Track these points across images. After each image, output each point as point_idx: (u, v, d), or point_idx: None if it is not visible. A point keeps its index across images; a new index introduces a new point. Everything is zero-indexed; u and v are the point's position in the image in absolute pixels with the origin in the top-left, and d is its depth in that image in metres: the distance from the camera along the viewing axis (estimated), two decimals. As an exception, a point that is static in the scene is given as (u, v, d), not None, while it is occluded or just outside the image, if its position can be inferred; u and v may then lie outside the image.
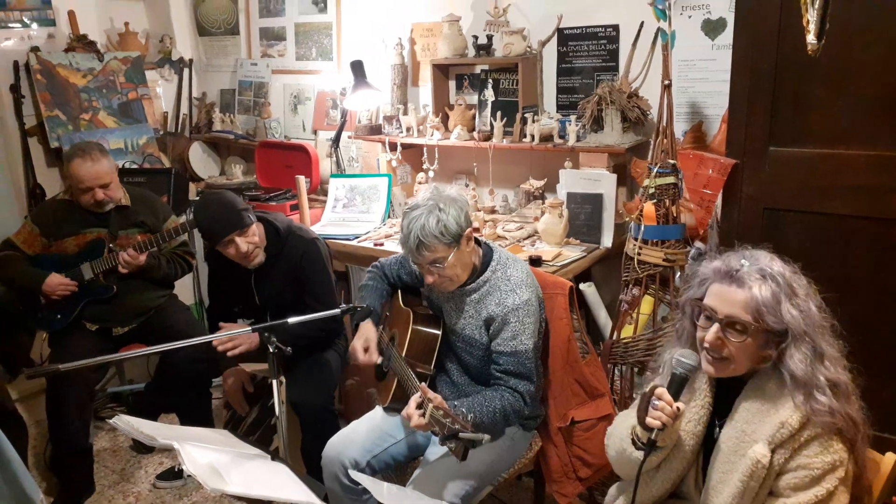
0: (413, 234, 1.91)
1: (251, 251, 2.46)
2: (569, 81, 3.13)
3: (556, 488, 2.18)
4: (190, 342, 1.92)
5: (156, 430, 1.70)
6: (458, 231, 1.93)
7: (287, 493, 1.57)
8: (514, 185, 3.27)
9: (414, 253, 1.94)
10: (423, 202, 1.95)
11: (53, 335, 2.97)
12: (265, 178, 3.95)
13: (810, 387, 1.39)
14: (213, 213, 2.44)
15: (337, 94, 3.81)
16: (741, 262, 1.46)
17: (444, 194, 1.98)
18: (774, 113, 2.30)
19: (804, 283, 1.46)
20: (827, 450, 1.38)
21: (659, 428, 1.46)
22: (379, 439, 2.12)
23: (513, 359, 1.96)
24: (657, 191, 2.37)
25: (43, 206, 3.11)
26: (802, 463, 1.39)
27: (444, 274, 1.97)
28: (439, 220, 1.90)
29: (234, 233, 2.41)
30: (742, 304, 1.42)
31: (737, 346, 1.43)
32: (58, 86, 3.73)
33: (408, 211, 1.97)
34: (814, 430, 1.39)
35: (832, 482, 1.38)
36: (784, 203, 2.34)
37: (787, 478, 1.41)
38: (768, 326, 1.41)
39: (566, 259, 2.69)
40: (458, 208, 1.94)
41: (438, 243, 1.91)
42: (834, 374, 1.41)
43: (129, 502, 2.88)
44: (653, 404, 1.48)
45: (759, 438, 1.42)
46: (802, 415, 1.39)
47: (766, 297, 1.40)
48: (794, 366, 1.40)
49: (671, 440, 1.53)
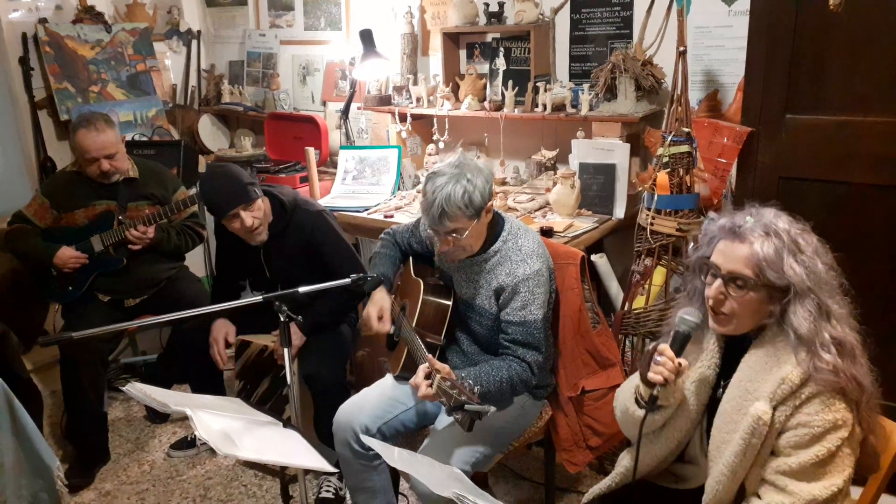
0: (437, 203, 1.86)
1: (256, 226, 2.45)
2: (582, 49, 3.08)
3: (566, 457, 2.19)
4: (201, 311, 1.92)
5: (168, 397, 1.71)
6: (482, 203, 1.89)
7: (299, 458, 1.59)
8: (526, 156, 3.24)
9: (435, 220, 1.90)
10: (449, 168, 1.90)
11: (66, 307, 3.00)
12: (274, 151, 3.94)
13: (814, 344, 1.37)
14: (219, 185, 2.43)
15: (346, 65, 3.77)
16: (746, 219, 1.45)
17: (472, 163, 1.92)
18: (792, 79, 2.26)
19: (813, 240, 1.44)
20: (829, 408, 1.36)
21: (661, 383, 1.47)
22: (389, 406, 2.13)
23: (521, 328, 1.95)
24: (671, 160, 2.34)
25: (53, 179, 3.12)
26: (803, 420, 1.38)
27: (460, 244, 1.95)
28: (465, 191, 1.85)
29: (239, 206, 2.40)
30: (744, 259, 1.42)
31: (738, 301, 1.43)
32: (66, 58, 3.71)
33: (433, 175, 1.91)
34: (815, 387, 1.37)
35: (834, 441, 1.36)
36: (800, 172, 2.31)
37: (787, 436, 1.40)
38: (769, 282, 1.40)
39: (578, 230, 2.66)
40: (484, 179, 1.90)
41: (462, 214, 1.87)
42: (840, 333, 1.39)
43: (144, 470, 2.92)
44: (655, 360, 1.48)
45: (761, 396, 1.41)
46: (804, 371, 1.37)
47: (768, 252, 1.39)
48: (797, 322, 1.39)
49: (674, 399, 1.53)
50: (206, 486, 2.80)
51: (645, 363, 1.51)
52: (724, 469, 1.46)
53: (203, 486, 2.80)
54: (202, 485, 2.80)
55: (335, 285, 1.96)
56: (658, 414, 1.54)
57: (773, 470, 1.42)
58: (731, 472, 1.45)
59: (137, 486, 2.81)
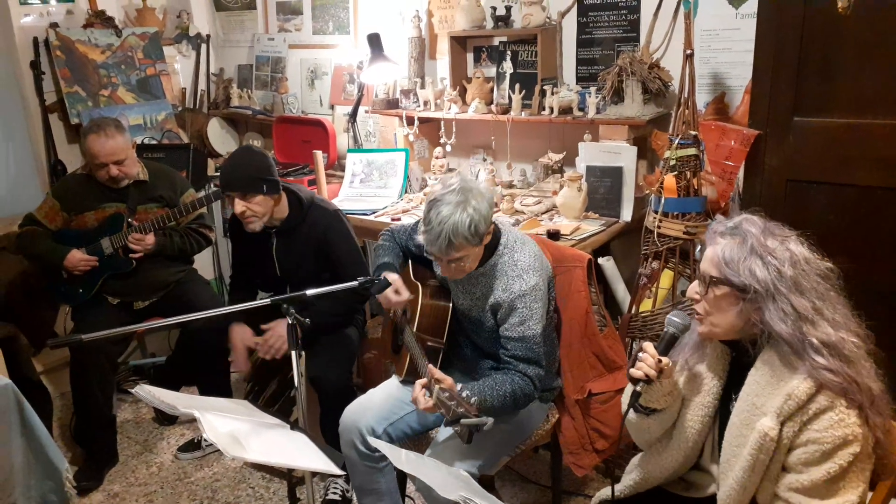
0: (444, 234, 1.81)
1: (248, 216, 2.47)
2: (589, 52, 3.08)
3: (572, 460, 2.19)
4: (209, 314, 1.93)
5: (177, 399, 1.72)
6: (486, 229, 1.88)
7: (305, 460, 1.59)
8: (533, 159, 3.24)
9: (442, 250, 1.86)
10: (451, 193, 1.85)
11: (76, 309, 3.02)
12: (283, 154, 3.95)
13: (803, 347, 1.37)
14: (231, 165, 2.48)
15: (354, 69, 3.79)
16: (726, 225, 1.49)
17: (474, 187, 1.87)
18: (799, 82, 2.25)
19: (796, 248, 1.43)
20: (838, 424, 1.35)
21: (642, 379, 1.51)
22: (395, 407, 2.13)
23: (521, 344, 1.94)
24: (678, 163, 2.34)
25: (63, 181, 3.15)
26: (812, 437, 1.37)
27: (461, 268, 1.93)
28: (472, 221, 1.81)
29: (237, 193, 2.43)
30: (710, 259, 1.48)
31: (709, 301, 1.48)
32: (77, 62, 3.74)
33: (435, 203, 1.86)
34: (823, 402, 1.36)
35: (845, 458, 1.35)
36: (808, 174, 2.30)
37: (797, 453, 1.40)
38: (728, 280, 1.43)
39: (585, 233, 2.66)
40: (487, 205, 1.86)
41: (467, 244, 1.85)
42: (827, 337, 1.38)
43: (152, 472, 2.93)
44: (638, 357, 1.53)
45: (768, 411, 1.41)
46: (809, 386, 1.37)
47: (728, 252, 1.44)
48: (775, 325, 1.39)
49: (664, 400, 1.55)
50: (213, 487, 2.81)
51: (631, 362, 1.56)
52: (734, 483, 1.47)
53: (211, 487, 2.81)
54: (210, 486, 2.82)
55: (343, 288, 1.97)
56: (653, 418, 1.55)
57: (785, 487, 1.42)
58: (741, 487, 1.46)
59: (146, 488, 2.83)
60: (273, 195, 2.47)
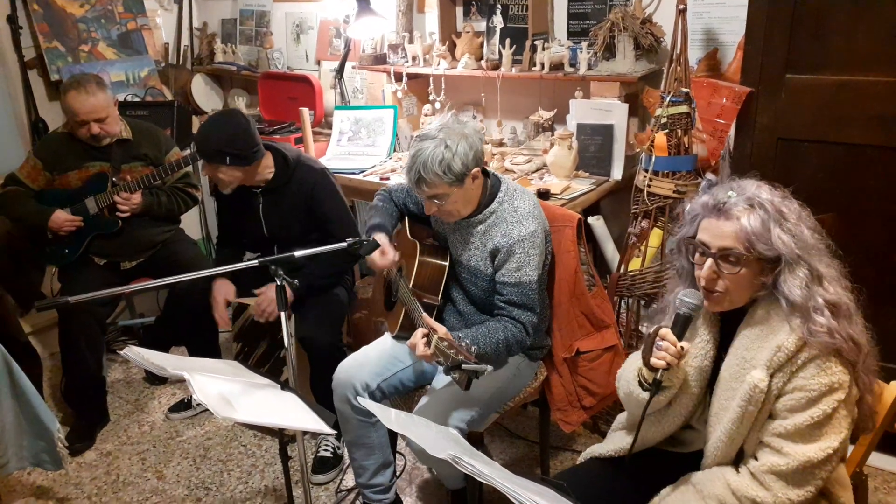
0: (415, 168, 1.88)
1: (215, 180, 2.49)
2: (580, 7, 3.01)
3: (560, 416, 2.22)
4: (196, 275, 1.92)
5: (166, 360, 1.71)
6: (463, 171, 1.88)
7: (297, 420, 1.60)
8: (523, 117, 3.21)
9: (413, 184, 1.93)
10: (434, 133, 1.89)
11: (62, 270, 2.99)
12: (269, 111, 3.88)
13: (807, 310, 1.38)
14: (203, 133, 2.46)
15: (340, 23, 3.70)
16: (728, 194, 1.44)
17: (457, 129, 1.90)
18: (793, 38, 2.23)
19: (795, 206, 1.44)
20: (824, 371, 1.37)
21: (664, 368, 1.47)
22: (389, 363, 2.15)
23: (516, 289, 1.96)
24: (669, 120, 2.32)
25: (45, 140, 3.08)
26: (799, 385, 1.39)
27: (444, 209, 1.96)
28: (444, 159, 1.84)
29: (204, 160, 2.44)
30: (732, 235, 1.41)
31: (732, 278, 1.43)
32: (55, 16, 3.63)
33: (417, 139, 1.92)
34: (811, 352, 1.38)
35: (830, 404, 1.37)
36: (799, 133, 2.29)
37: (784, 400, 1.42)
38: (761, 254, 1.40)
39: (575, 192, 2.65)
40: (466, 146, 1.88)
41: (439, 181, 1.87)
42: (832, 296, 1.39)
43: (144, 431, 2.95)
44: (657, 345, 1.48)
45: (758, 364, 1.42)
46: (798, 337, 1.38)
47: (756, 225, 1.39)
48: (789, 291, 1.39)
49: (678, 380, 1.54)
50: (205, 446, 2.84)
51: (647, 348, 1.51)
52: (721, 435, 1.49)
53: (203, 446, 2.84)
54: (202, 445, 2.84)
55: (331, 249, 1.96)
56: (662, 394, 1.55)
57: (769, 432, 1.44)
58: (729, 439, 1.48)
59: (138, 447, 2.85)
60: (241, 166, 2.44)
